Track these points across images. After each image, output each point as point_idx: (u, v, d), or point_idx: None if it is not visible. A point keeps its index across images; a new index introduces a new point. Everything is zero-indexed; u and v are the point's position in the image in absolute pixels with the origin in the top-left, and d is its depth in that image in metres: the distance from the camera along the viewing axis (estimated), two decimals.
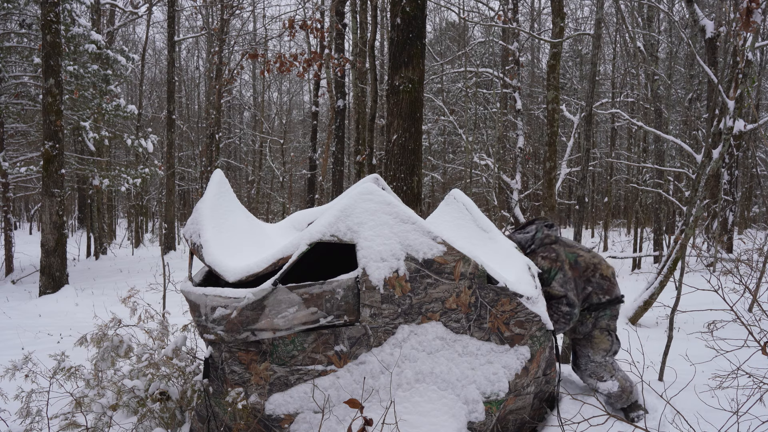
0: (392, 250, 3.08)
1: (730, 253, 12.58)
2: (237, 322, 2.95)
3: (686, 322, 6.67)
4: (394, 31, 5.66)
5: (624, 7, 13.23)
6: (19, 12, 12.35)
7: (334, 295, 2.98)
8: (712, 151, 6.19)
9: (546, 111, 9.54)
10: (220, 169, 3.86)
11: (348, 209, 3.15)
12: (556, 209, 8.50)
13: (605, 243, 18.57)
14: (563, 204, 24.93)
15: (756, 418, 3.11)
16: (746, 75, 5.91)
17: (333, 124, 16.02)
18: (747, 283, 3.78)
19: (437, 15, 29.38)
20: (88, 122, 13.60)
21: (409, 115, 5.59)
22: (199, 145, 26.45)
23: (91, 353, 4.15)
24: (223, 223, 3.43)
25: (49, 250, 9.82)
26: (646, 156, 15.51)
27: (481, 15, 21.05)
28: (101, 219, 17.34)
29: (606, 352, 3.67)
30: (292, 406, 2.99)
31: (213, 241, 3.23)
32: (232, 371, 3.05)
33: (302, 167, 25.77)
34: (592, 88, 10.54)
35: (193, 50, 31.17)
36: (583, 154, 10.69)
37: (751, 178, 22.07)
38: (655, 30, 16.16)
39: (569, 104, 21.36)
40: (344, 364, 3.03)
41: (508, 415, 3.30)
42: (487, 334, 3.22)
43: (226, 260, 3.14)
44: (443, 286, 3.12)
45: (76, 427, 3.28)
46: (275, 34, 23.68)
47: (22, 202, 32.76)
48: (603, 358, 3.67)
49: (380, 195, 3.21)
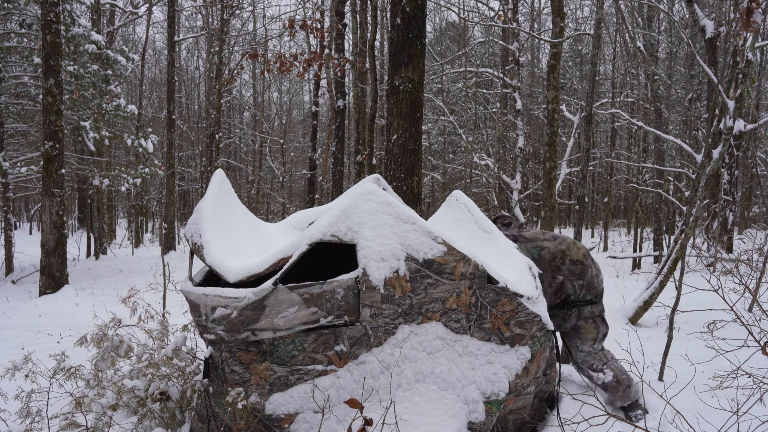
0: (392, 250, 3.08)
1: (730, 253, 12.58)
2: (237, 322, 2.95)
3: (686, 322, 6.67)
4: (394, 31, 5.66)
5: (624, 7, 13.23)
6: (19, 12, 12.35)
7: (334, 295, 2.98)
8: (712, 151, 6.19)
9: (546, 111, 9.55)
10: (221, 169, 3.86)
11: (348, 209, 3.15)
12: (556, 209, 8.50)
13: (605, 243, 18.57)
14: (563, 204, 24.94)
15: (756, 418, 3.11)
16: (746, 75, 5.91)
17: (333, 124, 16.03)
18: (747, 283, 3.78)
19: (437, 15, 29.39)
20: (88, 122, 13.60)
21: (409, 115, 5.59)
22: (199, 145, 26.45)
23: (91, 353, 4.15)
24: (225, 223, 3.43)
25: (49, 250, 9.82)
26: (646, 156, 15.51)
27: (481, 15, 21.06)
28: (101, 219, 17.34)
29: (593, 340, 3.70)
30: (292, 406, 2.99)
31: (214, 242, 3.24)
32: (232, 371, 3.05)
33: (302, 167, 25.77)
34: (592, 88, 10.54)
35: (193, 50, 31.18)
36: (583, 154, 10.69)
37: (751, 178, 22.08)
38: (655, 30, 16.16)
39: (569, 104, 21.37)
40: (344, 364, 3.03)
41: (508, 415, 3.30)
42: (488, 334, 3.23)
43: (227, 260, 3.14)
44: (443, 286, 3.12)
45: (76, 427, 3.28)
46: (275, 34, 23.68)
47: (22, 202, 32.76)
48: (591, 346, 3.71)
49: (380, 195, 3.21)
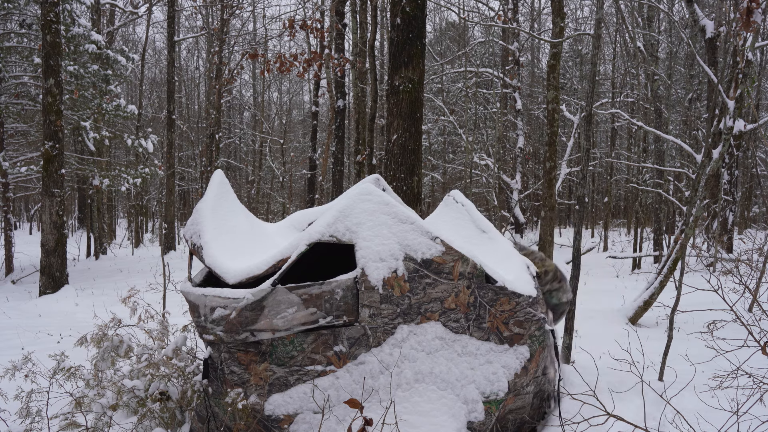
0: (391, 250, 3.08)
1: (730, 253, 12.58)
2: (236, 322, 2.95)
3: (686, 322, 6.67)
4: (394, 31, 5.66)
5: (624, 7, 13.23)
6: (19, 12, 12.35)
7: (333, 295, 2.98)
8: (712, 151, 6.19)
9: (546, 111, 9.55)
10: (220, 169, 3.87)
11: (347, 210, 3.15)
12: (556, 209, 8.50)
13: (605, 243, 18.56)
14: (563, 204, 24.93)
15: (756, 418, 3.11)
16: (746, 75, 5.91)
17: (333, 124, 16.02)
18: (747, 283, 3.78)
19: (437, 15, 29.37)
20: (88, 122, 13.60)
21: (409, 115, 5.59)
22: (199, 145, 26.45)
23: (91, 353, 4.15)
24: (224, 225, 3.43)
25: (49, 250, 9.82)
26: (646, 156, 15.51)
27: (481, 15, 21.06)
28: (101, 219, 17.34)
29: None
30: (292, 407, 2.99)
31: (213, 243, 3.24)
32: (231, 372, 3.05)
33: (302, 167, 25.77)
34: (592, 88, 10.53)
35: (193, 50, 31.17)
36: (583, 154, 10.68)
37: (751, 178, 22.06)
38: (655, 30, 16.16)
39: (569, 104, 21.35)
40: (343, 365, 3.03)
41: (508, 415, 3.30)
42: (487, 333, 3.22)
43: (227, 262, 3.14)
44: (442, 286, 3.12)
45: (76, 427, 3.28)
46: (275, 34, 23.68)
47: (22, 202, 32.75)
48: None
49: (379, 195, 3.21)
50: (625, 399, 3.80)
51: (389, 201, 3.20)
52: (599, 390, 3.73)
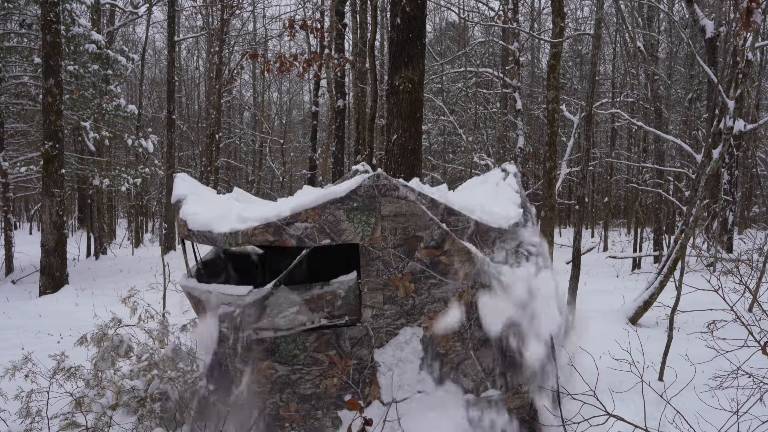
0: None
1: (730, 253, 12.58)
2: (240, 319, 2.95)
3: (686, 322, 6.66)
4: (394, 31, 5.66)
5: (624, 7, 13.23)
6: (19, 12, 12.35)
7: (335, 295, 2.98)
8: (712, 151, 6.19)
9: (546, 111, 9.54)
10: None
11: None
12: (556, 209, 8.50)
13: (605, 243, 18.56)
14: (563, 204, 24.92)
15: (756, 418, 3.11)
16: (746, 75, 5.91)
17: (333, 124, 16.01)
18: (747, 283, 3.78)
19: (437, 15, 29.36)
20: (88, 122, 13.60)
21: (409, 115, 5.59)
22: (199, 145, 26.44)
23: (91, 353, 4.14)
24: (210, 198, 3.38)
25: (49, 250, 9.82)
26: (646, 156, 15.51)
27: (481, 15, 21.06)
28: (101, 219, 17.34)
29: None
30: (295, 406, 2.99)
31: (201, 207, 3.12)
32: (235, 368, 3.05)
33: (302, 167, 25.77)
34: (592, 88, 10.52)
35: (193, 50, 31.16)
36: (583, 154, 10.68)
37: (751, 178, 22.06)
38: (655, 30, 16.16)
39: (569, 104, 21.33)
40: (345, 365, 3.03)
41: (508, 415, 3.30)
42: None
43: (217, 220, 2.98)
44: (446, 286, 3.11)
45: (76, 427, 3.27)
46: (275, 34, 23.66)
47: (22, 202, 32.74)
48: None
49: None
50: (625, 399, 3.80)
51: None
52: (599, 390, 3.72)
